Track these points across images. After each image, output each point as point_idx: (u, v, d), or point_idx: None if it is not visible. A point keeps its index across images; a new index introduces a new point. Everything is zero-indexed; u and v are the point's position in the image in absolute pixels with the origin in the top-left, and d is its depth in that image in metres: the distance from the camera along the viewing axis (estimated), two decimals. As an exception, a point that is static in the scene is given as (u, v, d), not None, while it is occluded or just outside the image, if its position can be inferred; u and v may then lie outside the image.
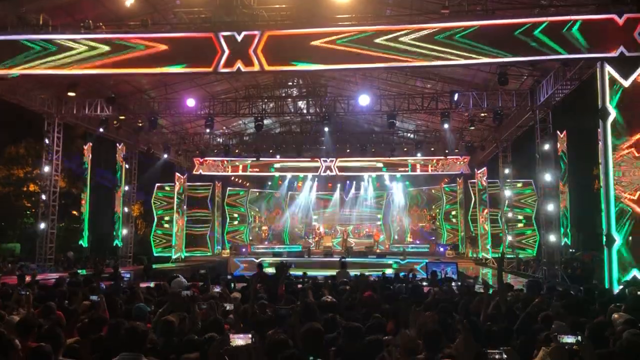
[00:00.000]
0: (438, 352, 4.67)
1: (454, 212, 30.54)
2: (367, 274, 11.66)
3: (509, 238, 22.80)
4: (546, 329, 5.12)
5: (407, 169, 29.03)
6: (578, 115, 20.88)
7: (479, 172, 25.88)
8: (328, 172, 29.72)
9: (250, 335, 3.71)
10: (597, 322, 5.61)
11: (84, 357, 4.83)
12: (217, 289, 7.68)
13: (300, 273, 15.40)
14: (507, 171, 22.89)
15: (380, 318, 5.81)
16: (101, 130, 20.80)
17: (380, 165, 28.95)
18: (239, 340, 3.70)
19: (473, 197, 26.85)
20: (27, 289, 8.13)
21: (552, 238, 17.88)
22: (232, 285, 11.34)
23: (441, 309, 6.33)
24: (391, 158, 27.55)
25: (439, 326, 5.33)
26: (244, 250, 30.01)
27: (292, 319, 5.46)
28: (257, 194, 33.31)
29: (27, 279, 11.00)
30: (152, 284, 10.66)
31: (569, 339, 3.30)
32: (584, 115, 17.89)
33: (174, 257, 26.59)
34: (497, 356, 3.59)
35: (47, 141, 19.77)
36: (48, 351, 4.10)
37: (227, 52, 12.99)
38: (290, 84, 21.79)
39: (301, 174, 31.29)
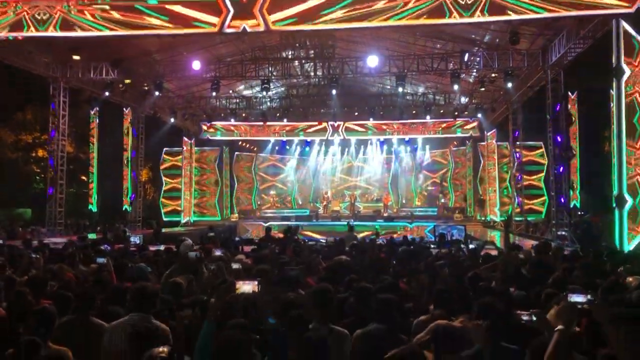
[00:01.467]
0: (450, 312, 4.63)
1: (462, 175, 30.39)
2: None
3: (518, 201, 22.71)
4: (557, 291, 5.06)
5: (416, 131, 28.76)
6: (590, 76, 20.51)
7: (488, 134, 25.61)
8: (336, 136, 29.55)
9: (256, 282, 3.65)
10: (610, 282, 5.55)
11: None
12: (218, 252, 7.66)
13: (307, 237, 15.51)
14: (517, 133, 22.62)
15: (391, 279, 5.78)
16: (107, 94, 20.64)
17: (388, 128, 28.71)
18: (246, 286, 3.66)
19: (482, 159, 26.64)
20: (38, 252, 8.21)
21: (560, 197, 17.74)
22: (241, 248, 11.40)
23: (450, 271, 6.31)
24: (400, 121, 27.31)
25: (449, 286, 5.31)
26: (251, 214, 30.14)
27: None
28: (265, 157, 33.21)
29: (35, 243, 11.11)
30: (162, 247, 10.71)
31: (579, 298, 3.22)
32: (596, 75, 17.55)
33: (182, 221, 26.75)
34: (525, 317, 3.56)
35: (53, 106, 19.68)
36: (52, 312, 4.10)
37: (232, 11, 12.73)
38: (297, 45, 21.42)
39: (308, 138, 31.12)
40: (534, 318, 3.53)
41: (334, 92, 21.01)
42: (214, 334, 3.41)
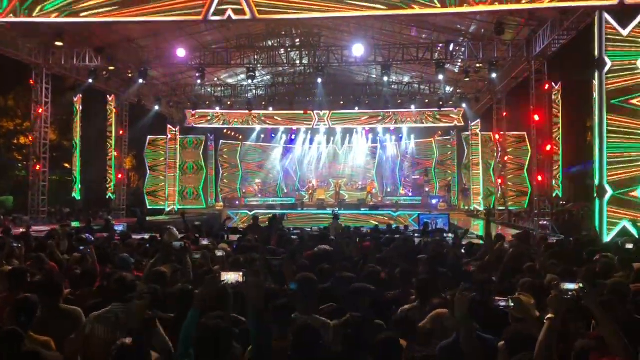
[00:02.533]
0: (428, 300, 4.73)
1: (446, 164, 30.61)
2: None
3: (500, 190, 22.94)
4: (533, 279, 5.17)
5: (401, 121, 28.86)
6: (573, 67, 20.71)
7: (472, 124, 25.78)
8: (321, 125, 29.56)
9: (241, 273, 3.68)
10: (587, 269, 5.68)
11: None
12: (205, 242, 7.67)
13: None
14: (501, 123, 22.79)
15: (375, 267, 5.86)
16: (90, 81, 20.40)
17: (373, 117, 28.77)
18: (230, 277, 3.69)
19: (466, 149, 26.85)
20: (19, 241, 8.15)
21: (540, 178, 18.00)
22: (226, 237, 11.40)
23: (431, 259, 6.40)
24: (385, 110, 27.41)
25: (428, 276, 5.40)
26: (237, 202, 30.10)
27: (284, 269, 5.49)
28: (250, 146, 33.13)
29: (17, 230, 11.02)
30: (146, 236, 10.70)
31: (570, 286, 3.28)
32: (579, 66, 17.74)
33: (167, 209, 26.65)
34: (502, 303, 3.62)
35: (35, 92, 19.43)
36: (34, 301, 4.11)
37: (217, -1, 12.63)
38: (283, 33, 21.34)
39: (294, 127, 31.10)
40: (512, 304, 3.61)
41: (319, 80, 20.98)
42: (196, 322, 3.46)
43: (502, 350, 3.45)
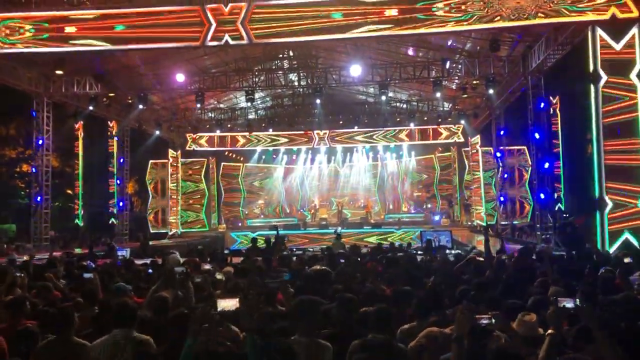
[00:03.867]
0: (427, 319, 4.73)
1: (448, 180, 30.64)
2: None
3: (502, 205, 22.93)
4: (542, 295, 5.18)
5: (400, 138, 28.97)
6: (570, 80, 20.78)
7: (472, 140, 25.87)
8: (321, 145, 29.68)
9: (237, 299, 3.70)
10: (588, 285, 5.69)
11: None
12: (208, 267, 7.70)
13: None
14: (500, 138, 22.86)
15: (375, 287, 5.87)
16: (91, 108, 20.57)
17: (373, 135, 28.89)
18: (227, 303, 3.69)
19: (467, 165, 26.90)
20: (22, 271, 8.17)
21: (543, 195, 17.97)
22: (230, 259, 11.41)
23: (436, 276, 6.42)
24: (384, 128, 27.55)
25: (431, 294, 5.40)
26: (239, 224, 30.12)
27: (281, 291, 5.51)
28: (251, 168, 33.24)
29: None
30: (148, 261, 10.72)
31: (568, 304, 3.29)
32: (577, 80, 17.82)
33: (170, 233, 26.67)
34: (485, 321, 3.61)
35: (36, 121, 19.59)
36: (34, 331, 4.13)
37: (214, 25, 12.81)
38: (280, 56, 21.55)
39: (294, 147, 31.24)
40: (494, 321, 3.61)
41: (318, 101, 21.14)
42: (192, 351, 3.48)
43: None
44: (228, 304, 3.68)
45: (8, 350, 4.07)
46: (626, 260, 7.39)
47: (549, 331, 3.16)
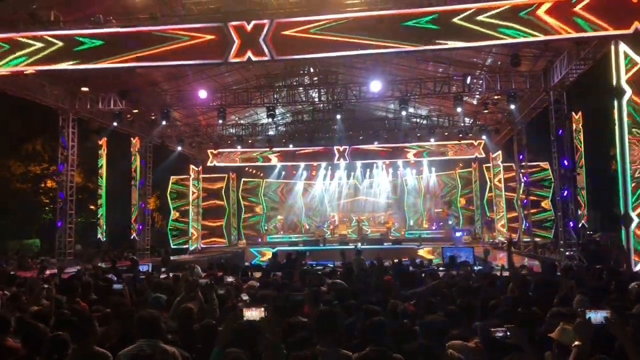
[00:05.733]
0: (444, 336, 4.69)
1: (469, 197, 30.41)
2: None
3: (525, 222, 22.67)
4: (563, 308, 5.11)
5: (421, 154, 28.88)
6: (593, 96, 20.61)
7: (493, 155, 25.70)
8: (342, 160, 29.70)
9: (263, 309, 3.72)
10: (619, 298, 5.60)
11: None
12: (230, 279, 7.75)
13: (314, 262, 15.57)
14: (522, 155, 22.68)
15: (395, 301, 5.85)
16: (115, 124, 20.92)
17: (393, 151, 28.85)
18: (252, 313, 3.72)
19: (488, 181, 26.70)
20: (48, 283, 8.31)
21: (569, 221, 17.75)
22: (250, 274, 11.46)
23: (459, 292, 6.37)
24: (404, 144, 27.50)
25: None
26: (259, 240, 30.22)
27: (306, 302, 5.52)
28: (272, 183, 33.39)
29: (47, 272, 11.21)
30: (170, 275, 10.80)
31: (598, 314, 3.25)
32: (600, 95, 17.66)
33: (191, 248, 26.84)
34: (500, 333, 3.63)
35: (62, 137, 19.95)
36: (66, 339, 4.20)
37: (237, 41, 12.98)
38: (301, 72, 21.72)
39: (315, 163, 31.32)
40: (509, 334, 3.59)
41: (338, 117, 21.21)
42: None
43: None
44: (253, 314, 3.71)
45: (40, 357, 4.14)
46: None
47: (576, 342, 3.13)
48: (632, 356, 3.05)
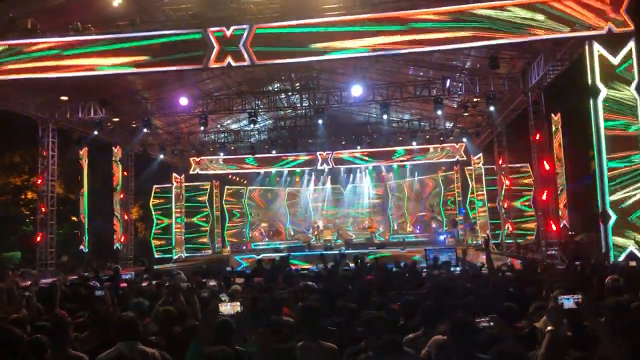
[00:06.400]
0: (434, 328, 4.75)
1: (452, 200, 30.60)
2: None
3: (508, 225, 22.88)
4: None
5: (403, 158, 29.02)
6: (571, 96, 20.87)
7: (475, 158, 25.92)
8: (325, 166, 29.75)
9: (238, 303, 3.76)
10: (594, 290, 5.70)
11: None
12: (212, 283, 7.74)
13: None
14: (502, 156, 22.91)
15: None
16: (96, 133, 20.76)
17: (375, 155, 28.97)
18: (227, 307, 3.75)
19: (470, 183, 26.90)
20: (29, 291, 8.24)
21: (550, 223, 17.96)
22: (231, 279, 11.41)
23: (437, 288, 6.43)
24: (387, 148, 27.65)
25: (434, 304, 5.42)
26: (244, 247, 30.10)
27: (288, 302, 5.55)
28: (255, 190, 33.33)
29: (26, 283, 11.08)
30: (153, 282, 10.73)
31: (568, 301, 3.31)
32: (577, 95, 17.93)
33: (174, 257, 26.64)
34: (484, 324, 3.69)
35: (42, 147, 19.75)
36: (44, 342, 4.18)
37: (216, 47, 13.02)
38: (282, 77, 21.78)
39: (298, 169, 31.35)
40: (491, 323, 3.66)
41: (320, 122, 21.28)
42: (198, 354, 3.51)
43: None
44: (228, 308, 3.75)
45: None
46: (632, 263, 7.41)
47: (549, 328, 3.18)
48: (604, 340, 3.11)
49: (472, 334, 3.75)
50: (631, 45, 11.99)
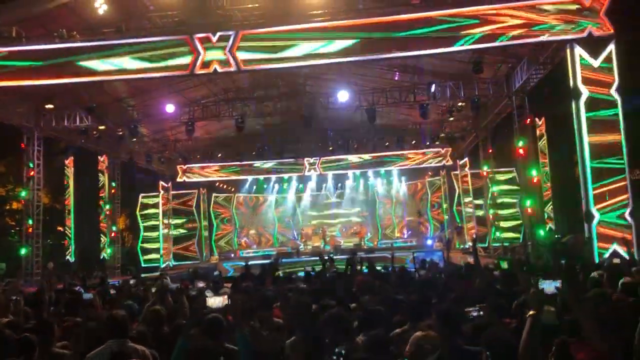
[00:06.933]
0: (418, 322, 4.81)
1: (439, 205, 30.78)
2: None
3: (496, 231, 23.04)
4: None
5: (390, 163, 29.16)
6: (555, 100, 21.12)
7: (460, 162, 26.11)
8: (312, 172, 29.80)
9: (225, 296, 3.80)
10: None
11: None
12: (201, 284, 7.77)
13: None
14: (487, 160, 23.10)
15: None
16: (82, 141, 20.64)
17: (363, 161, 29.07)
18: (215, 300, 3.80)
19: (457, 188, 27.08)
20: (16, 296, 8.19)
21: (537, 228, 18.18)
22: (220, 283, 11.41)
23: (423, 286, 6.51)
24: (374, 154, 27.77)
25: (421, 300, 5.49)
26: (232, 255, 30.01)
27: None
28: (243, 198, 33.29)
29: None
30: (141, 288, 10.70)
31: (550, 284, 3.39)
32: (560, 99, 18.16)
33: (162, 266, 26.48)
34: (474, 313, 3.77)
35: (27, 156, 19.59)
36: (33, 341, 4.21)
37: (202, 53, 13.06)
38: (269, 83, 21.84)
39: (285, 176, 31.38)
40: (481, 312, 3.74)
41: (307, 128, 21.33)
42: (184, 350, 3.54)
43: (485, 357, 3.52)
44: (216, 301, 3.79)
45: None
46: (616, 261, 7.54)
47: (530, 312, 3.23)
48: (585, 325, 3.18)
49: (457, 324, 3.81)
50: (611, 47, 12.20)
